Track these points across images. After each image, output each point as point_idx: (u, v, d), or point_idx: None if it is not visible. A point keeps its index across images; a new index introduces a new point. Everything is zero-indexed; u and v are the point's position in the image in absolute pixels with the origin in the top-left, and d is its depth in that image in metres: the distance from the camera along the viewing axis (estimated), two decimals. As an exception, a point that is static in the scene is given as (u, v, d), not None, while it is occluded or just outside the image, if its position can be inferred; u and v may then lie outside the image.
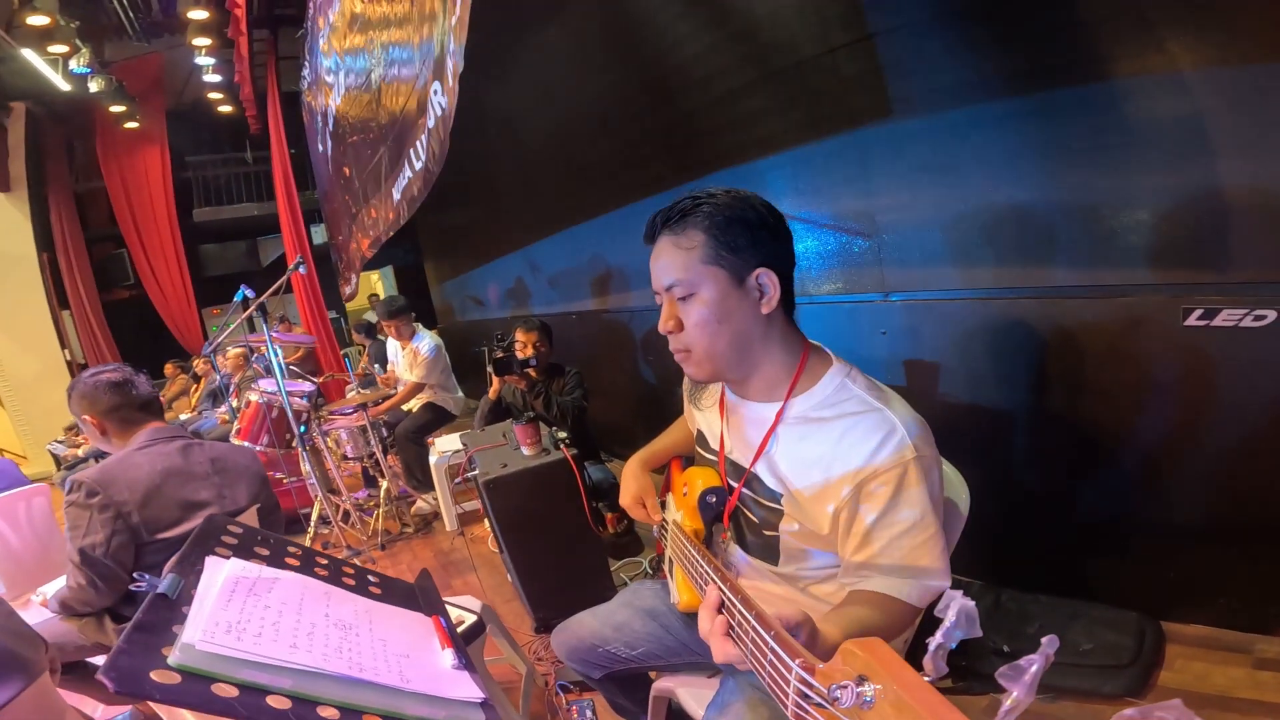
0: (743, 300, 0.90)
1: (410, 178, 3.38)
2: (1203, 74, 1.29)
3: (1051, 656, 0.65)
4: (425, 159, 3.05)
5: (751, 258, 0.89)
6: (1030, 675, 0.62)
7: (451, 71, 2.22)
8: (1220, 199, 1.33)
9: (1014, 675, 0.63)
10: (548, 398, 2.60)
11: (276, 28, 6.49)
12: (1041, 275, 1.66)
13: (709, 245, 0.89)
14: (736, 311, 0.90)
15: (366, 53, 4.01)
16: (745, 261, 0.89)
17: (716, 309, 0.90)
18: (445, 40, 2.34)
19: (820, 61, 1.95)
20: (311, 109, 5.80)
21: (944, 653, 0.69)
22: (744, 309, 0.90)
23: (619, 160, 3.23)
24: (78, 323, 8.29)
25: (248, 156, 9.10)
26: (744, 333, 0.92)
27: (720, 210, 0.89)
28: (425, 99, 2.80)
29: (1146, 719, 0.59)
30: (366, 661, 0.83)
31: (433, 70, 2.62)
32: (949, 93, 1.70)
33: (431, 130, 2.79)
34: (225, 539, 1.05)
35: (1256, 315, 1.30)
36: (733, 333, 0.91)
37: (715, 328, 0.91)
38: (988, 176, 1.70)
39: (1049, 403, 1.77)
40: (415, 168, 3.25)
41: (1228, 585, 1.57)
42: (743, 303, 0.90)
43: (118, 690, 0.71)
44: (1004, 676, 0.63)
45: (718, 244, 0.89)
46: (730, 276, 0.89)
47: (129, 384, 1.68)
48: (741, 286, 0.90)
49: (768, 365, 0.95)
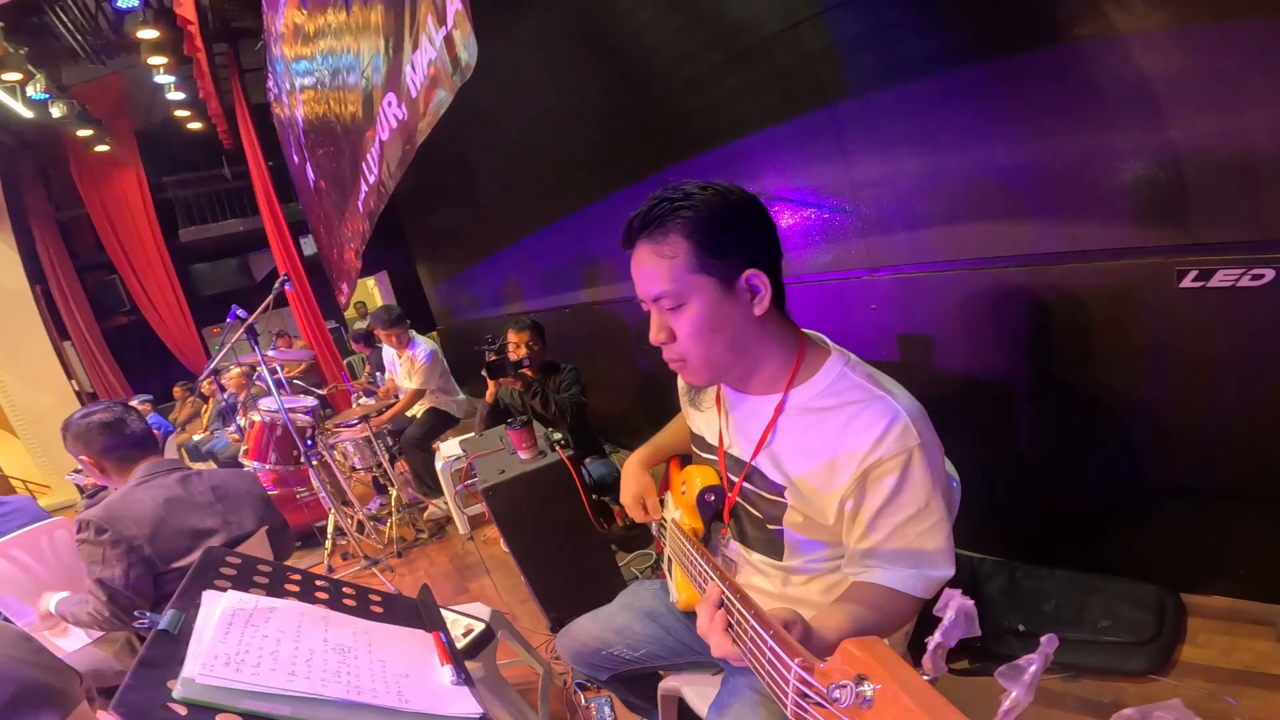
0: (735, 304, 0.87)
1: (366, 191, 3.35)
2: (1187, 28, 1.25)
3: (1051, 656, 0.65)
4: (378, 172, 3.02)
5: (739, 260, 0.85)
6: (1030, 675, 0.63)
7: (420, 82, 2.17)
8: (1207, 157, 1.29)
9: (1013, 675, 0.64)
10: (545, 396, 2.60)
11: (235, 40, 6.36)
12: (1029, 243, 1.63)
13: (693, 252, 0.84)
14: (730, 317, 0.87)
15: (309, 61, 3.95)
16: (733, 265, 0.85)
17: (709, 318, 0.87)
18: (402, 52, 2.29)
19: (784, 38, 1.91)
20: (281, 120, 5.74)
21: (943, 652, 0.69)
22: (737, 313, 0.87)
23: (598, 150, 3.20)
24: (80, 353, 8.32)
25: (226, 173, 9.00)
26: (740, 337, 0.89)
27: (701, 212, 0.84)
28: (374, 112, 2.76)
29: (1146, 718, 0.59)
30: (365, 684, 0.85)
31: (384, 82, 2.57)
32: (917, 62, 1.66)
33: (386, 143, 2.75)
34: (224, 570, 1.06)
35: (1254, 275, 1.26)
36: (728, 339, 0.89)
37: (710, 337, 0.88)
38: (966, 145, 1.67)
39: (1048, 372, 1.74)
40: (369, 181, 3.22)
41: (1248, 553, 1.53)
42: (735, 307, 0.87)
43: None
44: (1003, 676, 0.64)
45: (703, 250, 0.84)
46: (719, 283, 0.86)
47: (120, 423, 1.69)
48: (732, 291, 0.86)
49: (766, 361, 0.93)
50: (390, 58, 2.47)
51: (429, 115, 2.21)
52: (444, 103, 2.05)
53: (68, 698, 1.29)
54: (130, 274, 8.47)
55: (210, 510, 1.73)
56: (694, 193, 0.86)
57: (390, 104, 2.57)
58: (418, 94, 2.25)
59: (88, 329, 8.33)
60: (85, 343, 8.31)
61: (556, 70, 3.20)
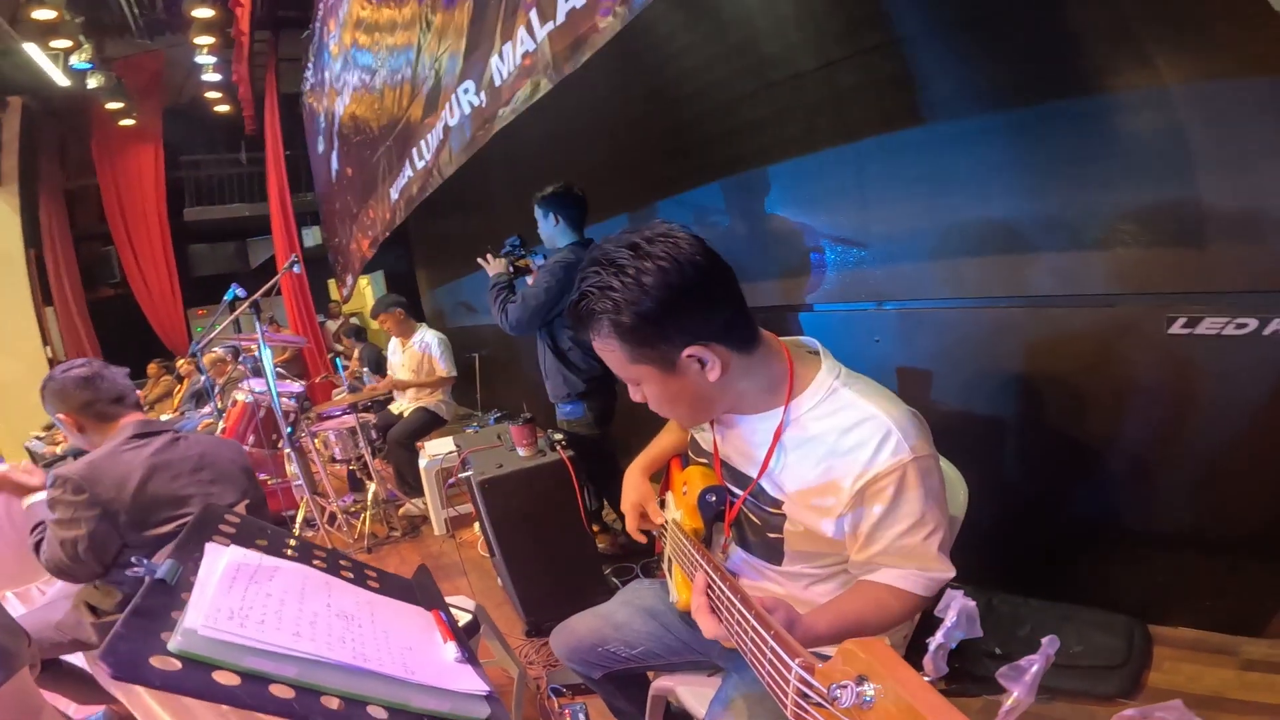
0: (683, 376, 0.88)
1: (410, 177, 3.39)
2: (1185, 89, 1.34)
3: (1052, 656, 0.66)
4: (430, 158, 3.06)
5: (673, 345, 0.85)
6: (1030, 676, 0.64)
7: (512, 71, 2.24)
8: (1202, 212, 1.38)
9: (1014, 675, 0.65)
10: None
11: (278, 29, 6.51)
12: (1030, 284, 1.71)
13: (625, 349, 0.86)
14: (684, 389, 0.90)
15: (372, 54, 4.03)
16: (668, 350, 0.85)
17: (661, 395, 0.91)
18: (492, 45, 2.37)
19: (817, 75, 2.00)
20: (313, 110, 5.81)
21: (944, 653, 0.70)
22: (689, 382, 0.89)
23: (614, 168, 3.25)
24: (61, 320, 8.16)
25: (242, 157, 9.03)
26: (700, 398, 0.92)
27: (622, 312, 0.82)
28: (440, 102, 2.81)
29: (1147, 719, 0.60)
30: (370, 652, 0.83)
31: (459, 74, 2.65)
32: (942, 106, 1.75)
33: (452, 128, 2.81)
34: (223, 527, 1.04)
35: (1238, 324, 1.35)
36: (689, 403, 0.93)
37: (671, 406, 0.94)
38: (979, 188, 1.74)
39: (1038, 409, 1.80)
40: (417, 167, 3.26)
41: (1213, 588, 1.61)
42: (685, 378, 0.88)
43: (115, 675, 0.70)
44: (1004, 677, 0.65)
45: (632, 346, 0.86)
46: (660, 368, 0.88)
47: (99, 377, 1.66)
48: (675, 369, 0.87)
49: (749, 392, 0.93)
50: (468, 54, 2.55)
51: (514, 102, 2.26)
52: (540, 90, 2.11)
53: (13, 658, 1.25)
54: (127, 247, 8.41)
55: (193, 478, 1.69)
56: (615, 286, 0.83)
57: (467, 90, 2.63)
58: (502, 83, 2.31)
59: (73, 297, 8.20)
60: (68, 310, 8.16)
61: (581, 85, 3.27)
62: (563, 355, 2.41)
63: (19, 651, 1.29)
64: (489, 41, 2.38)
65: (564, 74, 1.95)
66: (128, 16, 6.04)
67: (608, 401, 2.51)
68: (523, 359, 5.14)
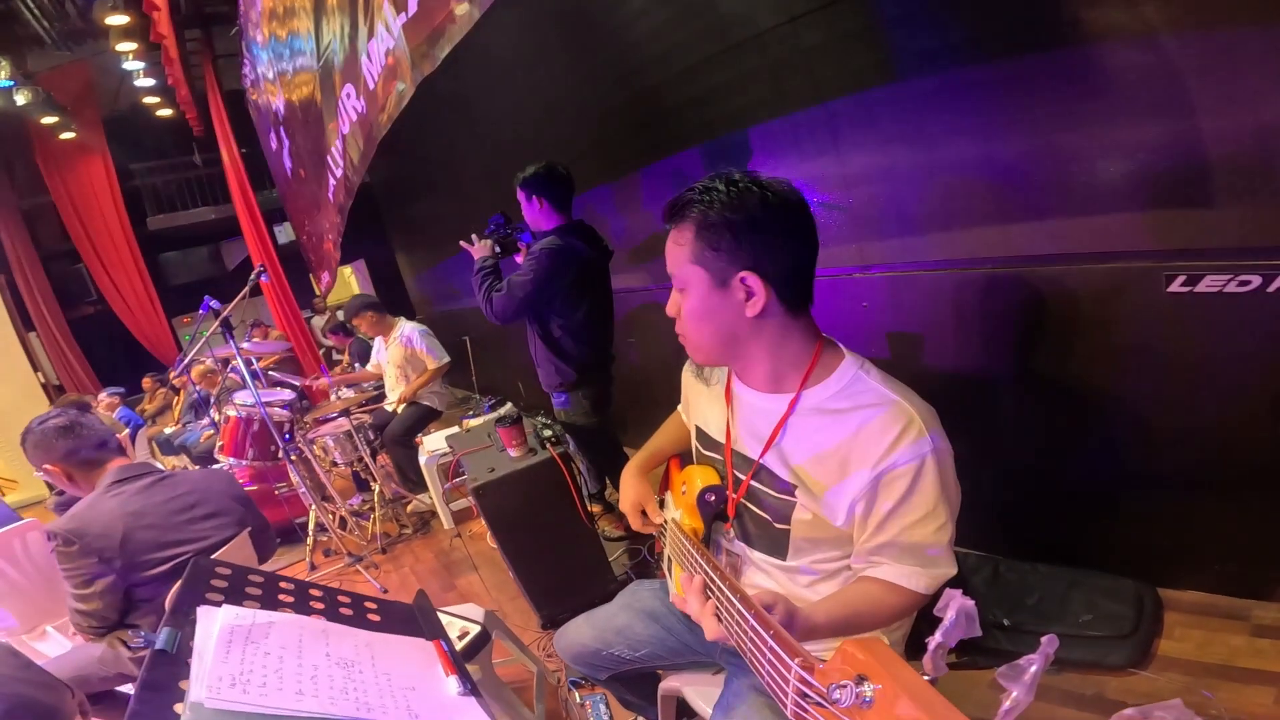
0: (725, 300, 0.90)
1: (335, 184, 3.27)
2: (1178, 36, 1.25)
3: (1051, 656, 0.66)
4: (343, 166, 2.94)
5: (734, 261, 0.87)
6: (1030, 675, 0.63)
7: (375, 74, 2.10)
8: (1200, 163, 1.31)
9: (1014, 675, 0.65)
10: None
11: (209, 26, 6.19)
12: (1021, 244, 1.64)
13: (695, 244, 0.89)
14: (719, 311, 0.91)
15: (281, 44, 3.83)
16: (727, 264, 0.88)
17: (698, 308, 0.92)
18: (349, 35, 2.21)
19: (780, 32, 1.90)
20: (258, 106, 5.58)
21: (944, 652, 0.70)
22: (727, 309, 0.90)
23: (584, 142, 3.15)
24: (46, 344, 8.07)
25: (196, 159, 8.76)
26: (728, 332, 0.92)
27: (710, 209, 0.87)
28: (335, 102, 2.68)
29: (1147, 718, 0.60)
30: (374, 700, 0.83)
31: (343, 70, 2.49)
32: (915, 59, 1.66)
33: (347, 136, 2.68)
34: (215, 583, 1.03)
35: (1241, 281, 1.28)
36: (715, 330, 0.93)
37: (699, 324, 0.93)
38: (961, 144, 1.67)
39: (1035, 372, 1.77)
40: (335, 175, 3.14)
41: (1222, 550, 1.57)
42: (725, 303, 0.90)
43: None
44: (1004, 676, 0.65)
45: (702, 244, 0.88)
46: (711, 278, 0.89)
47: (78, 426, 1.66)
48: (724, 288, 0.89)
49: (766, 359, 0.95)
50: (347, 45, 2.39)
51: (389, 108, 2.13)
52: (405, 95, 1.99)
53: (60, 714, 1.26)
54: (96, 263, 8.24)
55: (181, 518, 1.69)
56: (718, 188, 0.88)
57: (349, 96, 2.49)
58: (375, 85, 2.18)
59: (53, 320, 8.09)
60: (51, 334, 8.06)
61: (544, 58, 3.14)
62: (554, 343, 2.36)
63: (62, 707, 1.30)
64: (356, 29, 2.22)
65: (425, 74, 1.83)
66: (40, 30, 5.74)
67: (603, 387, 2.48)
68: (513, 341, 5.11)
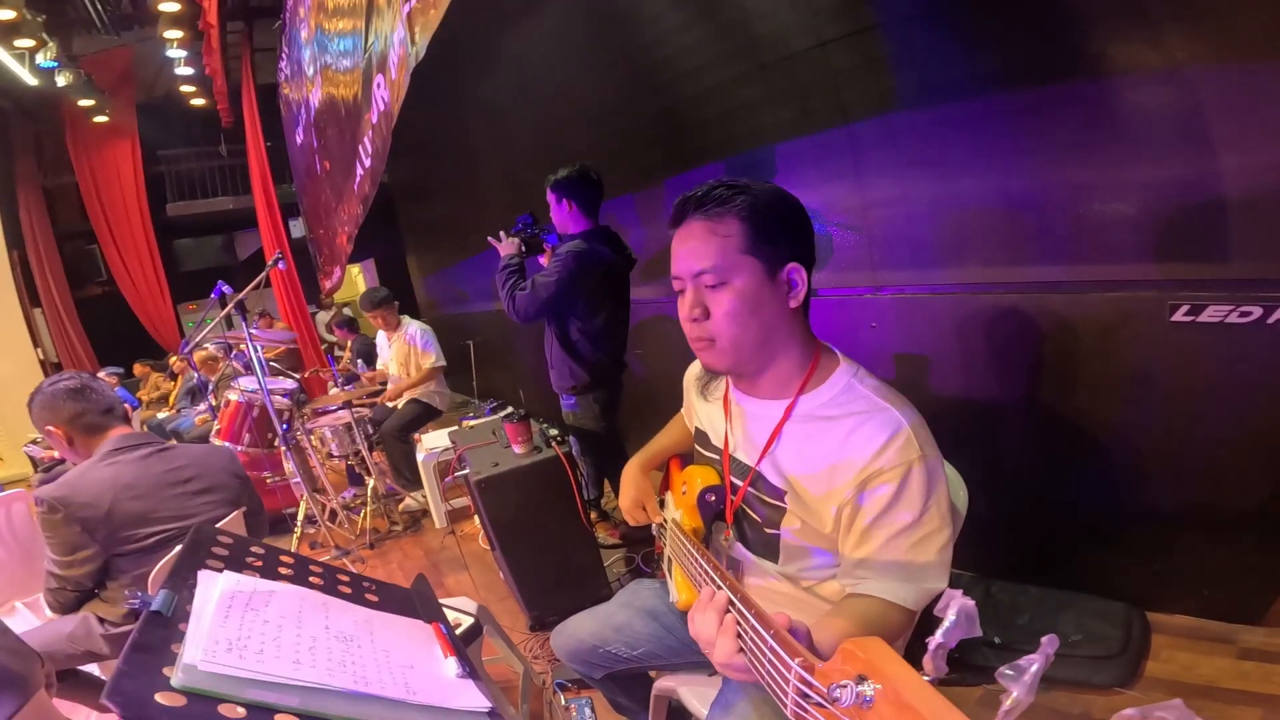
0: (774, 293, 0.91)
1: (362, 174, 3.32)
2: (1190, 71, 1.30)
3: (1052, 656, 0.65)
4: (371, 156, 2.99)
5: (785, 252, 0.90)
6: (1030, 675, 0.62)
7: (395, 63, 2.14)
8: (1207, 196, 1.34)
9: (1014, 675, 0.64)
10: None
11: (251, 19, 6.35)
12: (1030, 270, 1.68)
13: (747, 234, 0.89)
14: (766, 303, 0.91)
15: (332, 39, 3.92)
16: (779, 255, 0.90)
17: (749, 299, 0.90)
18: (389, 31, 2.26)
19: (811, 55, 1.94)
20: (289, 100, 5.68)
21: (944, 652, 0.69)
22: (774, 302, 0.91)
23: (606, 152, 3.18)
24: (49, 321, 8.08)
25: (222, 150, 8.87)
26: (770, 326, 0.92)
27: (759, 200, 0.90)
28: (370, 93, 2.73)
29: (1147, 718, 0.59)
30: (371, 674, 0.82)
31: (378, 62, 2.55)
32: (940, 87, 1.70)
33: (376, 126, 2.73)
34: (216, 550, 1.02)
35: (1242, 312, 1.32)
36: (760, 324, 0.92)
37: (745, 318, 0.91)
38: (978, 172, 1.71)
39: (1035, 397, 1.79)
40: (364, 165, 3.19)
41: (1210, 576, 1.60)
42: (773, 295, 0.91)
43: (124, 715, 0.69)
44: (1004, 677, 0.64)
45: (755, 234, 0.89)
46: (765, 268, 0.90)
47: (88, 389, 1.65)
48: (774, 280, 0.90)
49: (784, 360, 0.96)
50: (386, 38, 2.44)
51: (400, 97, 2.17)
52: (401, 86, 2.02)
53: (28, 682, 1.24)
54: (111, 245, 8.30)
55: (176, 490, 1.67)
56: (753, 185, 0.91)
57: (379, 86, 2.54)
58: (396, 74, 2.23)
59: (60, 298, 8.11)
60: (56, 311, 8.08)
61: (570, 67, 3.20)
62: (571, 346, 2.36)
63: (32, 675, 1.28)
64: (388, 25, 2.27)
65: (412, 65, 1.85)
66: (92, 13, 5.90)
67: (613, 393, 2.48)
68: (517, 346, 5.12)
